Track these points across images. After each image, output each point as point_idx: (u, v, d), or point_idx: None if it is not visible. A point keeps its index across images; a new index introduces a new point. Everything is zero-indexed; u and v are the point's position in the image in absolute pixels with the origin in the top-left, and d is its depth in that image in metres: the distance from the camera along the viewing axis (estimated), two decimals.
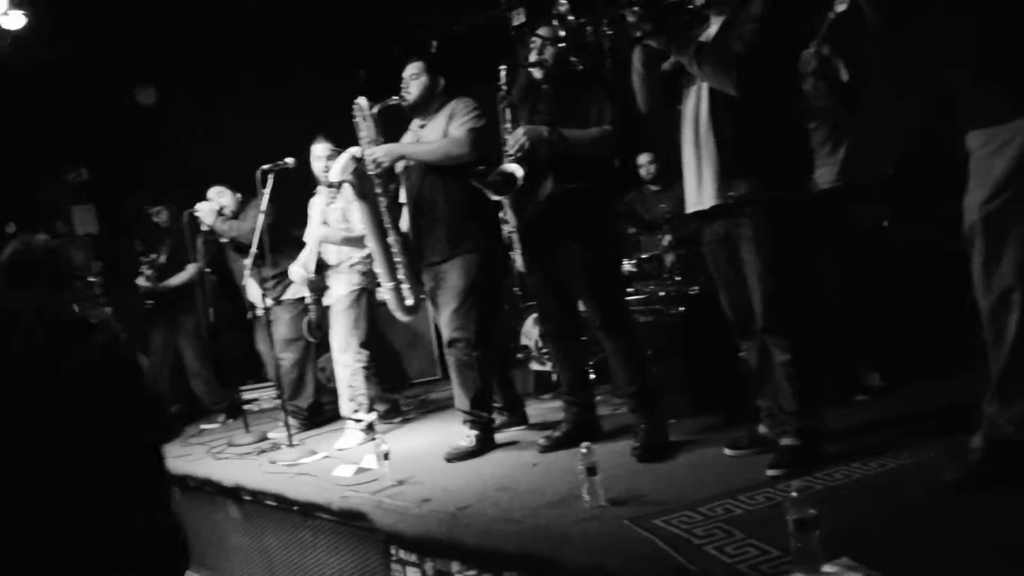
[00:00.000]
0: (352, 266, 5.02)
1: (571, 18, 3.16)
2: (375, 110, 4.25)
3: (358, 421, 4.88)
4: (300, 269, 5.15)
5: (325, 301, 5.24)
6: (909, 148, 4.84)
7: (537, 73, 3.78)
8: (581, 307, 3.99)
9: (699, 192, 3.21)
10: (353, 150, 4.29)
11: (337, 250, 5.08)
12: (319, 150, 5.11)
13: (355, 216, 4.74)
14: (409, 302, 4.32)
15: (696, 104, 3.19)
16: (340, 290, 5.06)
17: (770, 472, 2.99)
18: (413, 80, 4.27)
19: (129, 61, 7.07)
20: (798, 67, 3.55)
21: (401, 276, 4.30)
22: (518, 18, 5.63)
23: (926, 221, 4.46)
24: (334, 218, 5.08)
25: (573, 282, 3.76)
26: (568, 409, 4.01)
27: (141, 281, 6.35)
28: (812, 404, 3.13)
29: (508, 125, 3.77)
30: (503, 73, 3.77)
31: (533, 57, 3.77)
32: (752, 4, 3.01)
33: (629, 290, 4.99)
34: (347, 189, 4.49)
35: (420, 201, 4.25)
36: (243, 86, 7.35)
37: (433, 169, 4.17)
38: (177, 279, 6.28)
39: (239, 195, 5.73)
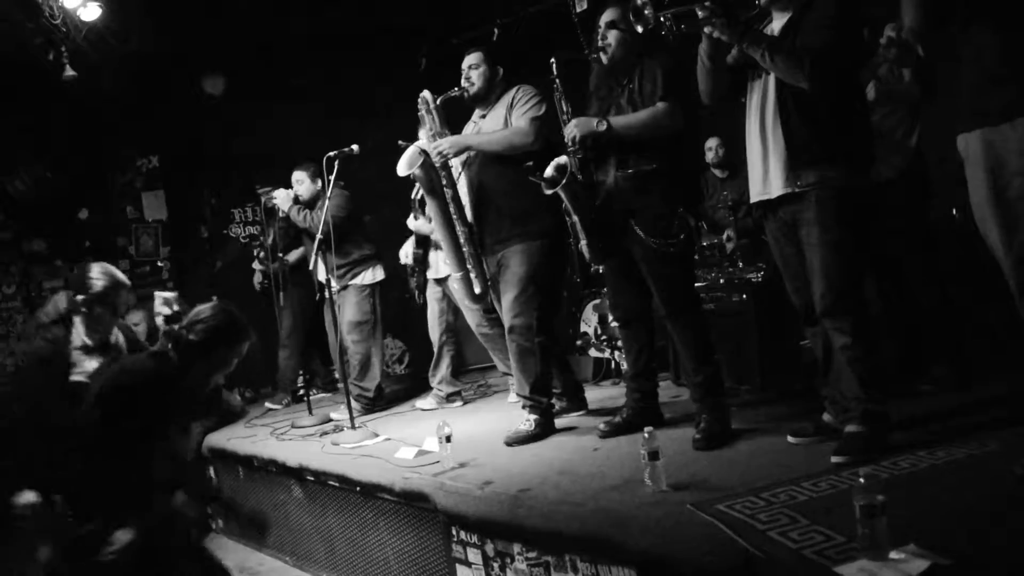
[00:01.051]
0: None
1: (647, 12, 3.12)
2: (439, 102, 4.30)
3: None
4: (409, 246, 5.52)
5: (430, 275, 5.45)
6: None
7: (604, 58, 3.75)
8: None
9: (765, 182, 3.23)
10: (420, 143, 4.36)
11: None
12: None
13: None
14: (478, 291, 4.38)
15: (762, 96, 3.22)
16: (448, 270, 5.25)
17: (835, 459, 2.96)
18: (474, 70, 4.32)
19: (199, 51, 7.21)
20: (875, 52, 3.53)
21: (470, 266, 4.35)
22: (580, 5, 5.61)
23: None
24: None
25: (641, 268, 3.74)
26: (631, 395, 4.01)
27: (256, 265, 6.52)
28: (876, 388, 3.10)
29: (565, 117, 3.79)
30: (554, 65, 3.78)
31: (598, 44, 3.74)
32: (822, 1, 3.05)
33: None
34: None
35: (481, 191, 4.29)
36: (310, 75, 7.45)
37: (493, 158, 4.20)
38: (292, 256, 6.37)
39: (319, 183, 5.78)
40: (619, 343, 5.17)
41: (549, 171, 3.75)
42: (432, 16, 7.29)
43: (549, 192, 3.72)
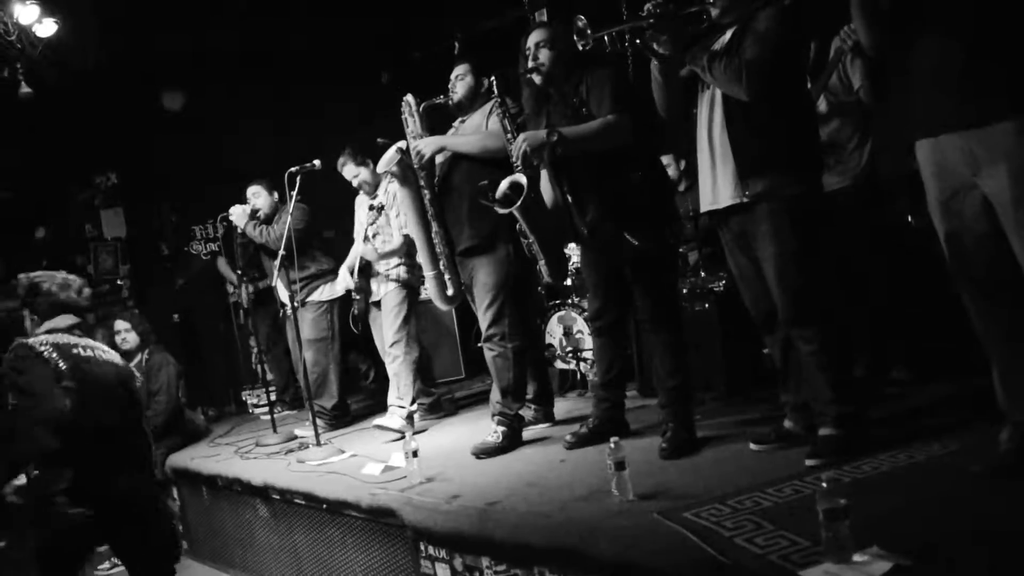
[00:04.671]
0: (398, 266, 5.19)
1: (589, 32, 3.17)
2: (422, 107, 4.33)
3: (401, 407, 5.00)
4: (346, 272, 5.35)
5: (373, 297, 5.36)
6: None
7: (537, 79, 3.74)
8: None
9: (714, 192, 3.27)
10: (399, 144, 4.39)
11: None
12: (347, 172, 5.33)
13: (393, 229, 5.13)
14: (450, 292, 4.40)
15: (710, 108, 3.25)
16: (386, 288, 5.21)
17: (809, 462, 2.99)
18: (459, 81, 4.37)
19: (157, 66, 7.15)
20: (824, 64, 3.57)
21: (443, 266, 4.37)
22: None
23: None
24: (372, 233, 5.22)
25: (628, 275, 3.72)
26: (599, 404, 4.00)
27: (227, 274, 6.48)
28: (847, 391, 3.13)
29: (509, 135, 3.78)
30: (495, 83, 3.80)
31: (529, 64, 3.73)
32: (763, 12, 3.08)
33: None
34: (394, 198, 4.81)
35: (448, 189, 4.29)
36: (270, 89, 7.42)
37: (465, 161, 4.21)
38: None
39: (276, 195, 5.77)
40: (584, 355, 5.19)
41: (502, 189, 3.73)
42: (393, 30, 7.30)
43: (503, 212, 3.70)
